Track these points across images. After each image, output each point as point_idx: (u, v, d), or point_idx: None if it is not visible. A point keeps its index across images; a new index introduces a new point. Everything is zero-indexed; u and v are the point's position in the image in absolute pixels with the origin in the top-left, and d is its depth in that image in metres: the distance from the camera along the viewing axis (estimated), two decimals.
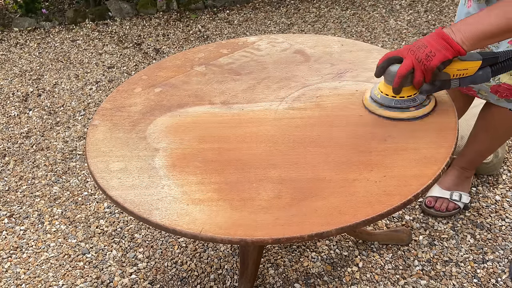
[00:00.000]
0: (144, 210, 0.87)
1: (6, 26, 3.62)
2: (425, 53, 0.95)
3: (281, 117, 1.09)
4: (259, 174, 0.93)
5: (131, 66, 2.92)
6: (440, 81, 1.02)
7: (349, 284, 1.48)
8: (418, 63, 0.97)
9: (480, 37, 0.94)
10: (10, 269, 1.64)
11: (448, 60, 0.96)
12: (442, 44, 0.95)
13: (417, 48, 0.97)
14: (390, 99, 1.03)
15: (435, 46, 0.95)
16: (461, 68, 0.99)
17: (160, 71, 1.33)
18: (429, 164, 0.91)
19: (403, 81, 0.99)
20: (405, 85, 1.01)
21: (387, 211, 0.82)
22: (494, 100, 1.39)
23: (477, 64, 0.99)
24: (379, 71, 1.03)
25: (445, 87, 1.04)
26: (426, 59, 0.95)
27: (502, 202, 1.72)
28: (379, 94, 1.05)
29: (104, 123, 1.13)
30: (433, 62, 0.95)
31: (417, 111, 1.03)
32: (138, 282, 1.56)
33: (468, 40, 0.94)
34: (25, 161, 2.17)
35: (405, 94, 1.02)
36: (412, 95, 1.03)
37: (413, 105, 1.03)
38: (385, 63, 1.01)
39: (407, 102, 1.03)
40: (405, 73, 0.98)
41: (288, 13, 3.47)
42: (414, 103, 1.03)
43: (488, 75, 1.01)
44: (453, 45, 0.94)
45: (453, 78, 1.01)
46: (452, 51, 0.95)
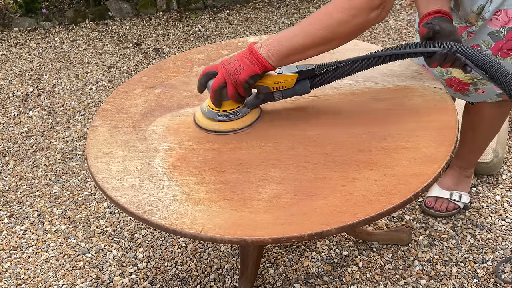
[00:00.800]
0: (144, 210, 0.87)
1: (6, 26, 3.63)
2: (235, 67, 0.98)
3: (281, 117, 1.09)
4: (259, 174, 0.93)
5: (131, 66, 2.92)
6: (263, 94, 1.05)
7: (349, 284, 1.48)
8: (228, 77, 0.99)
9: (285, 53, 0.96)
10: (10, 269, 1.64)
11: (257, 74, 0.98)
12: (251, 59, 0.97)
13: (229, 62, 0.99)
14: (214, 112, 1.06)
15: (244, 61, 0.97)
16: (278, 81, 1.02)
17: (160, 72, 1.33)
18: (429, 163, 0.91)
19: (217, 94, 1.01)
20: (224, 99, 1.03)
21: (387, 210, 0.82)
22: (452, 93, 1.43)
23: (293, 77, 1.02)
24: (200, 87, 1.05)
25: (269, 99, 1.06)
26: (235, 73, 0.97)
27: (502, 202, 1.72)
28: (207, 108, 1.08)
29: (104, 124, 1.13)
30: (241, 76, 0.97)
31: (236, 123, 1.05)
32: (138, 282, 1.56)
33: (274, 56, 0.96)
34: (25, 161, 2.17)
35: (228, 108, 1.05)
36: (235, 109, 1.05)
37: (235, 118, 1.06)
38: (202, 78, 1.03)
39: (229, 116, 1.05)
40: (217, 87, 1.00)
41: (288, 13, 3.47)
42: (237, 116, 1.06)
43: (307, 87, 1.04)
44: (260, 60, 0.96)
45: (275, 90, 1.04)
46: (259, 66, 0.97)
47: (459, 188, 1.67)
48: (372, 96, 1.13)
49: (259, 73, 0.98)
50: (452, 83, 1.39)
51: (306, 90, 1.05)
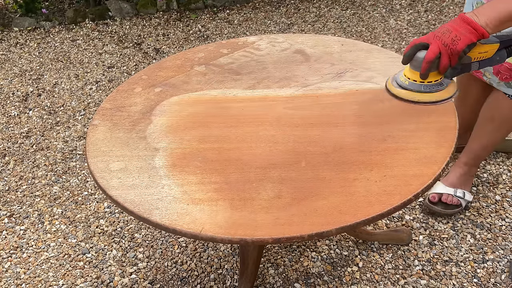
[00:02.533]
0: (144, 209, 0.87)
1: (6, 26, 3.62)
2: (451, 38, 0.97)
3: (281, 116, 1.09)
4: (259, 174, 0.93)
5: (131, 66, 2.92)
6: (462, 65, 1.04)
7: (349, 284, 1.48)
8: (444, 47, 0.99)
9: (502, 19, 0.96)
10: (10, 269, 1.64)
11: (472, 43, 0.98)
12: (467, 28, 0.97)
13: (442, 33, 0.99)
14: (419, 84, 1.06)
15: (459, 31, 0.97)
16: (482, 51, 1.02)
17: (160, 71, 1.33)
18: (429, 164, 0.91)
19: (430, 66, 1.01)
20: (431, 70, 1.03)
21: (387, 210, 0.82)
22: (495, 83, 1.40)
23: (495, 46, 1.03)
24: (407, 58, 1.05)
25: (466, 70, 1.06)
26: (452, 43, 0.97)
27: (502, 202, 1.72)
28: (407, 80, 1.07)
29: (104, 123, 1.13)
30: (459, 46, 0.97)
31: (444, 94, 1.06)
32: (138, 282, 1.56)
33: (492, 23, 0.96)
34: (25, 161, 2.17)
35: (432, 79, 1.05)
36: (439, 80, 1.06)
37: (440, 89, 1.06)
38: (412, 50, 1.03)
39: (435, 87, 1.06)
40: (433, 58, 1.00)
41: (288, 13, 3.47)
42: (441, 87, 1.06)
43: (504, 56, 1.05)
44: (477, 28, 0.96)
45: (473, 61, 1.04)
46: (476, 34, 0.97)
47: (462, 186, 1.67)
48: (372, 97, 1.13)
49: (475, 42, 0.98)
50: (501, 69, 1.35)
51: (503, 59, 1.06)
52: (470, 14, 0.98)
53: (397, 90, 1.09)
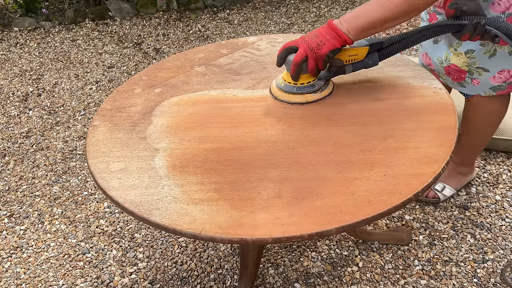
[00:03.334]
0: (144, 210, 0.87)
1: (6, 26, 3.62)
2: (316, 42, 1.04)
3: (281, 116, 1.09)
4: (259, 174, 0.93)
5: (131, 66, 2.92)
6: (336, 67, 1.12)
7: (349, 284, 1.48)
8: (310, 51, 1.05)
9: (364, 27, 1.03)
10: (10, 269, 1.64)
11: (336, 48, 1.05)
12: (332, 34, 1.04)
13: (310, 38, 1.06)
14: (292, 86, 1.13)
15: (325, 36, 1.04)
16: (352, 54, 1.10)
17: (160, 72, 1.33)
18: (430, 163, 0.91)
19: (298, 68, 1.07)
20: (302, 73, 1.10)
21: (387, 210, 0.82)
22: (450, 83, 1.45)
23: (365, 49, 1.10)
24: (279, 61, 1.11)
25: (341, 72, 1.13)
26: (317, 47, 1.04)
27: (502, 202, 1.72)
28: (283, 82, 1.14)
29: (104, 123, 1.13)
30: (322, 51, 1.04)
31: (314, 95, 1.12)
32: (138, 281, 1.56)
33: (354, 30, 1.03)
34: (25, 160, 2.17)
35: (305, 81, 1.12)
36: (311, 82, 1.12)
37: (312, 90, 1.12)
38: (283, 53, 1.09)
39: (306, 88, 1.12)
40: (299, 61, 1.06)
41: (288, 12, 3.47)
42: (313, 88, 1.12)
43: (376, 59, 1.12)
44: (340, 35, 1.04)
45: (346, 63, 1.11)
46: (340, 40, 1.04)
47: (447, 181, 1.68)
48: (372, 96, 1.13)
49: (339, 47, 1.05)
50: (450, 70, 1.41)
51: (375, 62, 1.12)
52: (336, 21, 1.05)
53: (275, 90, 1.15)
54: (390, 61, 1.26)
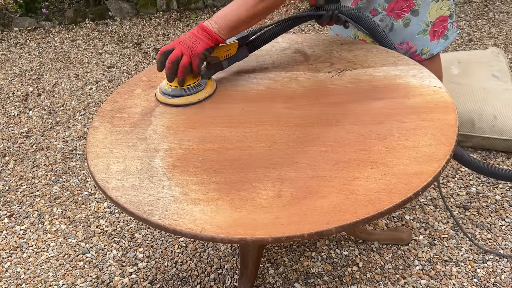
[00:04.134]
0: (144, 210, 0.87)
1: (6, 26, 3.63)
2: (192, 42, 1.13)
3: (280, 116, 1.09)
4: (259, 174, 0.93)
5: (131, 66, 2.92)
6: (214, 65, 1.20)
7: (349, 284, 1.48)
8: (187, 50, 1.12)
9: (232, 26, 1.13)
10: (10, 269, 1.64)
11: (210, 47, 1.13)
12: (204, 35, 1.13)
13: (184, 39, 1.14)
14: (179, 89, 1.16)
15: (198, 37, 1.13)
16: (226, 50, 1.19)
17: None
18: (429, 162, 0.91)
19: (173, 66, 1.12)
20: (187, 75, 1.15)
21: (387, 209, 0.82)
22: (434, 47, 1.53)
23: (235, 44, 1.20)
24: (159, 66, 1.15)
25: (219, 69, 1.22)
26: (192, 46, 1.12)
27: (502, 202, 1.72)
28: (169, 88, 1.17)
29: (104, 124, 1.13)
30: (198, 48, 1.12)
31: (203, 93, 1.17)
32: (138, 281, 1.56)
33: (224, 29, 1.13)
34: (25, 160, 2.17)
35: (190, 82, 1.16)
36: (196, 81, 1.17)
37: (200, 89, 1.17)
38: (162, 57, 1.14)
39: (195, 88, 1.17)
40: (174, 59, 1.11)
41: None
42: (200, 87, 1.17)
43: (245, 51, 1.24)
44: (212, 35, 1.13)
45: (222, 59, 1.20)
46: (212, 40, 1.13)
47: None
48: (372, 96, 1.13)
49: (212, 46, 1.14)
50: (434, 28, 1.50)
51: (245, 55, 1.24)
52: (207, 23, 1.14)
53: (165, 98, 1.17)
54: (389, 60, 1.26)
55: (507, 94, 2.00)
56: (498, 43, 2.78)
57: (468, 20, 3.08)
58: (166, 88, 1.18)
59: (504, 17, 3.09)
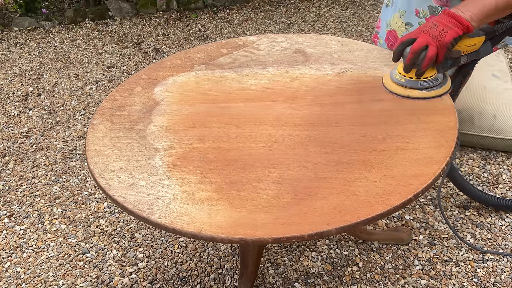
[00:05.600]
0: (144, 209, 0.87)
1: (6, 26, 3.62)
2: (438, 31, 1.02)
3: (281, 116, 1.09)
4: (259, 174, 0.93)
5: (131, 66, 2.92)
6: (452, 59, 1.09)
7: (349, 284, 1.48)
8: (432, 39, 1.03)
9: (485, 13, 1.02)
10: (10, 269, 1.64)
11: (459, 36, 1.03)
12: (453, 22, 1.02)
13: (430, 27, 1.04)
14: (415, 81, 1.08)
15: (446, 24, 1.02)
16: (470, 44, 1.08)
17: (160, 71, 1.33)
18: (429, 164, 0.91)
19: (414, 57, 1.04)
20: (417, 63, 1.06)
21: (387, 210, 0.82)
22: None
23: (481, 39, 1.09)
24: (396, 55, 1.08)
25: (456, 63, 1.11)
26: (440, 35, 1.02)
27: None
28: (403, 78, 1.09)
29: (104, 122, 1.13)
30: (447, 38, 1.02)
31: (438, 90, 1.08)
32: (138, 281, 1.56)
33: (476, 16, 1.02)
34: (25, 160, 2.17)
35: (428, 75, 1.08)
36: (434, 75, 1.08)
37: (436, 84, 1.08)
38: (400, 46, 1.06)
39: (431, 82, 1.08)
40: (418, 49, 1.03)
41: (288, 12, 3.47)
42: (437, 82, 1.09)
43: (489, 48, 1.12)
44: (462, 22, 1.02)
45: (463, 54, 1.09)
46: (462, 28, 1.02)
47: None
48: (372, 97, 1.13)
49: (461, 35, 1.03)
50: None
51: (489, 51, 1.12)
52: (454, 10, 1.03)
53: (395, 87, 1.11)
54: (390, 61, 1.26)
55: (507, 94, 2.00)
56: None
57: None
58: (398, 78, 1.10)
59: None
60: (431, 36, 1.02)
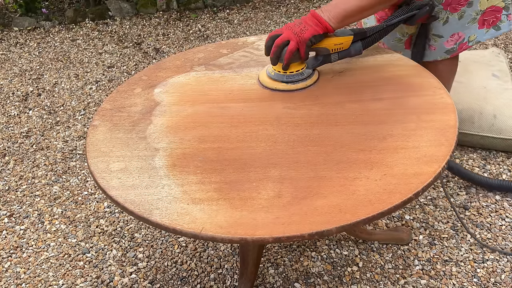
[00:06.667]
0: (144, 209, 0.87)
1: (6, 26, 3.62)
2: (300, 28, 1.13)
3: (281, 116, 1.09)
4: (259, 173, 0.93)
5: (131, 66, 2.92)
6: (322, 56, 1.18)
7: (349, 284, 1.48)
8: (294, 35, 1.13)
9: (344, 15, 1.13)
10: (10, 269, 1.64)
11: (319, 34, 1.13)
12: (314, 21, 1.13)
13: (294, 25, 1.14)
14: (281, 74, 1.18)
15: (307, 23, 1.13)
16: (337, 43, 1.16)
17: (159, 72, 1.33)
18: (430, 162, 0.91)
19: (278, 50, 1.14)
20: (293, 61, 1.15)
21: (387, 209, 0.82)
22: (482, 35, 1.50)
23: (349, 38, 1.17)
24: (266, 50, 1.17)
25: (327, 61, 1.20)
26: (300, 32, 1.12)
27: (502, 201, 1.72)
28: (273, 72, 1.19)
29: (104, 123, 1.13)
30: (305, 35, 1.12)
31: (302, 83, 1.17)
32: (138, 281, 1.56)
33: (335, 18, 1.13)
34: (25, 160, 2.17)
35: (294, 69, 1.17)
36: (300, 70, 1.18)
37: (301, 78, 1.18)
38: (269, 42, 1.16)
39: (296, 76, 1.17)
40: (280, 43, 1.13)
41: (288, 12, 3.47)
42: (302, 76, 1.18)
43: (359, 48, 1.19)
44: (322, 22, 1.13)
45: (333, 52, 1.18)
46: (321, 27, 1.13)
47: None
48: (372, 96, 1.13)
49: (321, 33, 1.13)
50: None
51: (359, 51, 1.20)
52: (318, 11, 1.14)
53: (263, 79, 1.20)
54: (389, 60, 1.26)
55: (507, 94, 2.00)
56: (498, 43, 2.78)
57: None
58: (270, 72, 1.19)
59: None
60: (293, 32, 1.12)
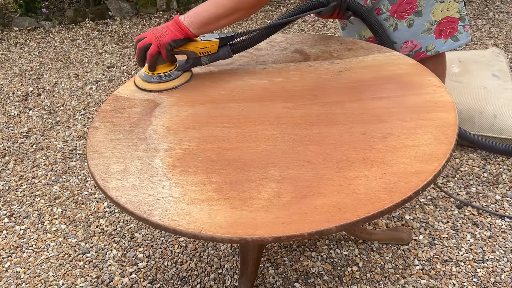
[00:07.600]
0: (144, 210, 0.87)
1: (6, 26, 3.63)
2: (161, 32, 1.18)
3: (280, 116, 1.09)
4: (259, 173, 0.93)
5: (131, 66, 2.92)
6: (192, 59, 1.24)
7: (349, 284, 1.48)
8: (155, 39, 1.18)
9: (202, 22, 1.17)
10: (10, 269, 1.64)
11: (179, 39, 1.18)
12: (175, 27, 1.18)
13: (157, 29, 1.20)
14: (150, 76, 1.24)
15: (169, 28, 1.18)
16: (203, 46, 1.22)
17: None
18: (430, 161, 0.91)
19: (141, 53, 1.20)
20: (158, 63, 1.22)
21: (387, 208, 0.82)
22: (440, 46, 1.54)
23: (215, 43, 1.22)
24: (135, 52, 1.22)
25: (198, 63, 1.25)
26: (160, 36, 1.18)
27: (502, 201, 1.72)
28: (143, 73, 1.25)
29: (105, 124, 1.13)
30: (165, 39, 1.18)
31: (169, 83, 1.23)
32: (138, 281, 1.56)
33: (194, 24, 1.17)
34: (25, 160, 2.17)
35: (161, 71, 1.23)
36: (168, 71, 1.23)
37: (168, 79, 1.23)
38: (135, 44, 1.22)
39: (164, 77, 1.23)
40: (142, 46, 1.19)
41: None
42: (169, 77, 1.23)
43: (228, 52, 1.24)
44: (182, 27, 1.17)
45: (201, 55, 1.23)
46: (182, 32, 1.18)
47: None
48: (372, 95, 1.13)
49: (181, 38, 1.18)
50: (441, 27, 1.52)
51: (228, 55, 1.25)
52: (181, 16, 1.18)
53: (137, 80, 1.26)
54: (389, 59, 1.26)
55: (507, 94, 2.00)
56: (498, 43, 2.78)
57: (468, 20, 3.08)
58: (142, 73, 1.26)
59: (504, 17, 3.09)
60: (155, 36, 1.18)
